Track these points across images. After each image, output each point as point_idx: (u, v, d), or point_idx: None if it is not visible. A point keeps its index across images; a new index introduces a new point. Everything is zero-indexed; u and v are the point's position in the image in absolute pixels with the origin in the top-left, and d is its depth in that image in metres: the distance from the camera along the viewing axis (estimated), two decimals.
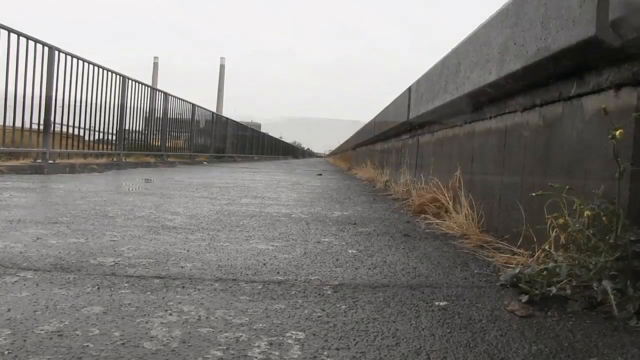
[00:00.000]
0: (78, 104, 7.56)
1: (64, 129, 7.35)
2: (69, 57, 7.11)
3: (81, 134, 7.98)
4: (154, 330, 1.01)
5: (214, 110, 21.79)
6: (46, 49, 6.48)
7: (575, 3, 1.49)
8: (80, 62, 7.49)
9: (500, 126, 2.40)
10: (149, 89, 10.95)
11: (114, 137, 9.30)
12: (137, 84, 10.04)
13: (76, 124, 7.61)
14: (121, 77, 9.26)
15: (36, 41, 6.24)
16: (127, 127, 9.82)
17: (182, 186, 4.90)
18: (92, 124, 8.29)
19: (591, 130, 1.58)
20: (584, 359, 0.98)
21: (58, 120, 7.04)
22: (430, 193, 3.20)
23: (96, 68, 8.11)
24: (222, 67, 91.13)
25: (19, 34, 5.93)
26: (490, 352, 0.99)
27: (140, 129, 10.79)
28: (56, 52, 6.69)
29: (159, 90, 11.66)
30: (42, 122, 6.65)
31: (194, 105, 14.06)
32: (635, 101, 1.37)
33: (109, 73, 8.66)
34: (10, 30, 5.78)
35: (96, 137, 8.72)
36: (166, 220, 2.53)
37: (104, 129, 8.73)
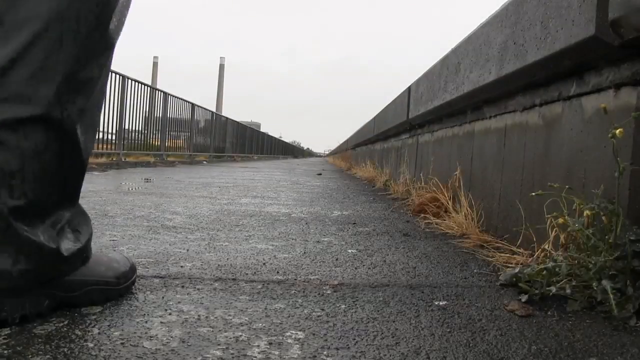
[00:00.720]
0: None
1: None
2: None
3: None
4: (154, 330, 1.01)
5: (214, 109, 21.79)
6: None
7: (575, 3, 1.49)
8: None
9: (500, 126, 2.40)
10: (149, 88, 10.96)
11: (114, 137, 9.30)
12: (136, 83, 10.04)
13: None
14: (121, 77, 9.27)
15: None
16: (126, 127, 9.83)
17: (181, 186, 4.90)
18: None
19: (591, 130, 1.58)
20: (584, 358, 0.98)
21: None
22: (429, 192, 3.20)
23: None
24: (221, 66, 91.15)
25: None
26: (489, 352, 0.99)
27: (140, 129, 10.80)
28: None
29: (159, 90, 11.67)
30: None
31: (193, 105, 14.07)
32: (635, 101, 1.37)
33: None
34: None
35: (95, 137, 8.73)
36: (166, 219, 2.53)
37: (103, 128, 8.74)
